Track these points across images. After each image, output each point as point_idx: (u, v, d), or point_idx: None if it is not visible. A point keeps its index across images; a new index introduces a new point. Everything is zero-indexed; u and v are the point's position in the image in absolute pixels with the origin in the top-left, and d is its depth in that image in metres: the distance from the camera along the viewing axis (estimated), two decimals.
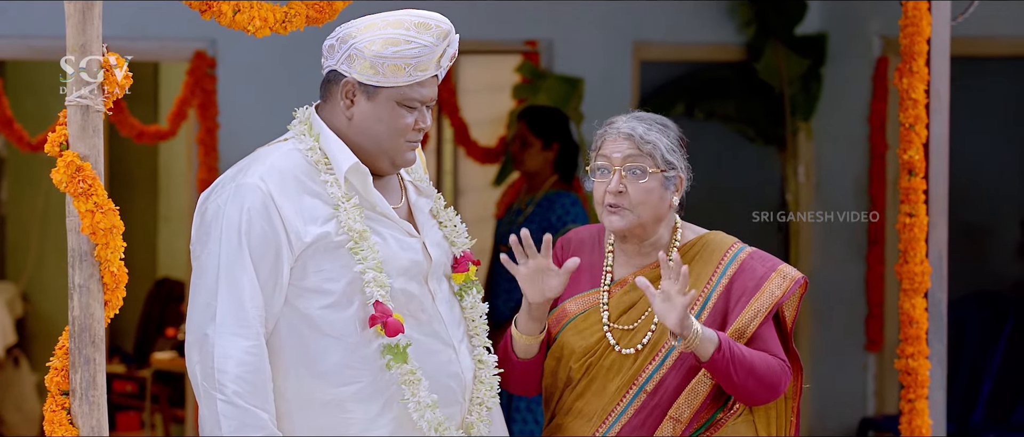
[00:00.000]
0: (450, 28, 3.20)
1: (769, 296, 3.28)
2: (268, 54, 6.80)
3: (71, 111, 2.72)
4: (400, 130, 3.17)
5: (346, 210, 3.12)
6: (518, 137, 6.12)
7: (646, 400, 3.28)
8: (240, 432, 3.02)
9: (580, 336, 3.32)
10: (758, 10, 7.46)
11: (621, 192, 3.27)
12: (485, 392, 3.26)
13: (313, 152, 3.16)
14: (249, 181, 3.10)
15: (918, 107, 4.25)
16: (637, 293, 3.32)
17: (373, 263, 3.11)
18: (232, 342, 3.03)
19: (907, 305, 4.28)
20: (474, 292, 3.33)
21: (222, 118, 6.99)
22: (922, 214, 4.27)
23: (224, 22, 2.95)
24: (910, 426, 4.28)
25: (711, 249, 3.36)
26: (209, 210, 3.12)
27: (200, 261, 3.11)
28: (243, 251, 3.06)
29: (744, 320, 3.28)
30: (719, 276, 3.31)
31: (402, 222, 3.22)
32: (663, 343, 3.27)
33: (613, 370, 3.30)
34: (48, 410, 2.77)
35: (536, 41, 7.41)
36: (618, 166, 3.27)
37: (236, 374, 3.02)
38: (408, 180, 3.33)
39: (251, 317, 3.05)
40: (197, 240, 3.13)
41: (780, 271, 3.31)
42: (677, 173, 3.30)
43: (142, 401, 8.59)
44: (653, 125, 3.31)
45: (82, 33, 2.71)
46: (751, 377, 3.22)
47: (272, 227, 3.08)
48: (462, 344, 3.26)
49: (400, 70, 3.13)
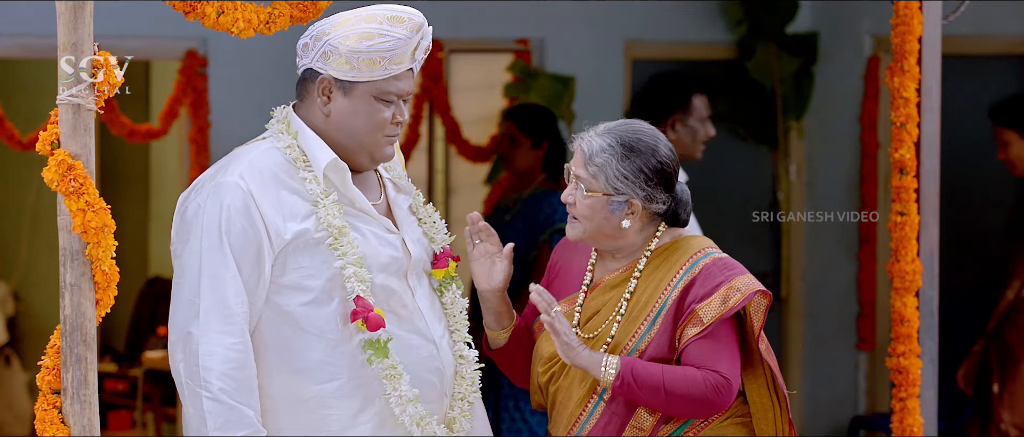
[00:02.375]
0: (423, 21, 3.19)
1: (718, 305, 3.18)
2: (259, 53, 6.80)
3: (62, 110, 2.72)
4: (378, 124, 3.19)
5: (325, 206, 3.14)
6: (506, 136, 6.11)
7: (605, 409, 3.26)
8: (226, 430, 3.02)
9: (548, 341, 3.32)
10: (749, 9, 7.47)
11: (570, 202, 3.28)
12: (466, 387, 3.28)
13: (291, 150, 3.18)
14: (228, 180, 3.11)
15: (909, 106, 4.25)
16: (604, 297, 3.30)
17: (353, 259, 3.13)
18: (217, 339, 3.04)
19: (898, 304, 4.29)
20: (454, 288, 3.34)
21: (213, 117, 6.98)
22: (913, 213, 4.27)
23: (208, 24, 2.95)
24: (901, 425, 4.28)
25: (679, 253, 3.29)
26: (189, 209, 3.13)
27: (181, 260, 3.12)
28: (224, 248, 3.07)
29: (688, 328, 3.19)
30: (677, 280, 3.24)
31: (381, 218, 3.24)
32: (622, 347, 3.23)
33: (577, 377, 3.29)
34: (39, 409, 2.77)
35: (527, 40, 7.41)
36: (572, 178, 3.28)
37: (221, 371, 3.03)
38: (387, 177, 3.35)
39: (235, 314, 3.06)
40: (178, 239, 3.14)
41: (734, 284, 3.20)
42: (627, 199, 3.22)
43: (133, 400, 8.59)
44: (614, 147, 3.22)
45: (73, 32, 2.70)
46: (665, 397, 3.16)
47: (252, 224, 3.09)
48: (443, 339, 3.27)
49: (375, 64, 3.14)
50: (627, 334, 3.24)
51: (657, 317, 3.23)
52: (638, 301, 3.26)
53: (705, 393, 3.17)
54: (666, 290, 3.25)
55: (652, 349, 3.22)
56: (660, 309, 3.24)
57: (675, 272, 3.26)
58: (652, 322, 3.23)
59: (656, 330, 3.22)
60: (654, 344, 3.22)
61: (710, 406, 3.19)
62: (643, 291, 3.27)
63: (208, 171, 3.19)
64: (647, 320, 3.24)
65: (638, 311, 3.25)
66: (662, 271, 3.27)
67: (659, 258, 3.30)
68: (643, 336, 3.23)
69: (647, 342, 3.22)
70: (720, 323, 3.20)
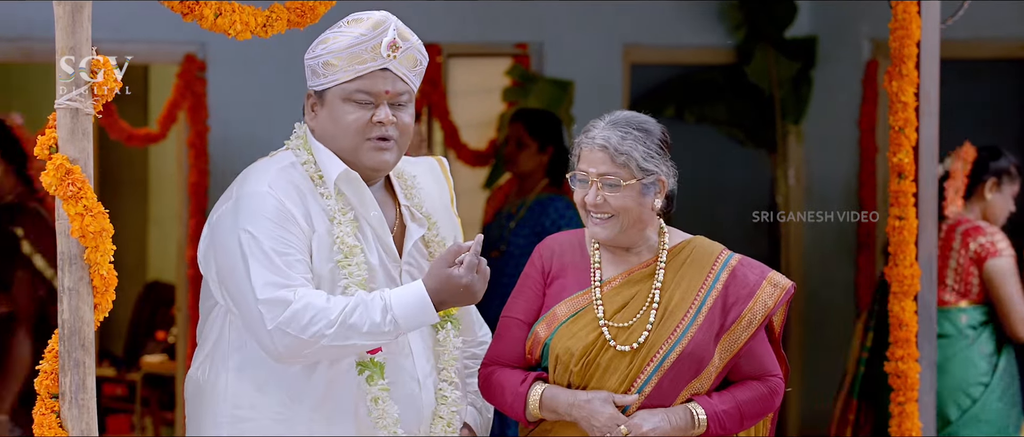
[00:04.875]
0: (384, 18, 3.17)
1: (762, 305, 3.31)
2: (258, 58, 6.80)
3: (61, 114, 2.71)
4: (351, 127, 3.17)
5: (341, 224, 3.14)
6: (513, 138, 6.12)
7: (643, 404, 3.28)
8: (365, 319, 3.06)
9: (574, 338, 3.32)
10: (748, 13, 7.47)
11: (600, 203, 3.28)
12: (443, 428, 3.27)
13: (309, 165, 3.19)
14: (259, 190, 3.12)
15: (908, 110, 4.25)
16: (630, 291, 3.32)
17: (358, 280, 3.12)
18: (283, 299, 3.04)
19: (896, 308, 4.29)
20: (449, 327, 3.32)
21: (212, 121, 6.98)
22: (911, 217, 4.27)
23: (206, 25, 2.95)
24: (900, 428, 4.28)
25: (701, 255, 3.36)
26: (214, 218, 3.16)
27: (220, 263, 3.13)
28: (265, 227, 3.07)
29: (739, 329, 3.30)
30: (713, 281, 3.32)
31: (388, 243, 3.23)
32: (659, 345, 3.28)
33: (610, 369, 3.29)
34: (38, 413, 2.76)
35: (526, 44, 7.41)
36: (595, 180, 3.28)
37: (310, 318, 3.03)
38: (404, 204, 3.32)
39: (289, 272, 3.06)
40: (209, 250, 3.15)
41: (770, 279, 3.33)
42: (656, 178, 3.29)
43: (132, 404, 8.58)
44: (629, 132, 3.28)
45: (72, 35, 2.70)
46: (745, 422, 3.34)
47: (292, 217, 3.11)
48: (428, 378, 3.27)
49: (334, 66, 3.15)
50: (663, 335, 3.28)
51: (696, 318, 3.29)
52: (670, 299, 3.31)
53: (772, 402, 3.37)
54: (701, 291, 3.31)
55: (691, 347, 3.27)
56: (698, 310, 3.30)
57: (706, 274, 3.33)
58: (690, 323, 3.28)
59: (695, 330, 3.28)
60: (692, 343, 3.27)
61: (772, 410, 3.39)
62: (674, 290, 3.31)
63: (228, 189, 3.20)
64: (684, 321, 3.29)
65: (672, 310, 3.30)
66: (690, 271, 3.34)
67: (678, 258, 3.36)
68: (681, 337, 3.27)
69: (686, 342, 3.27)
70: None
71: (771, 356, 3.37)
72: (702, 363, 3.28)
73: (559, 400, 3.29)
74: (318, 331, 3.02)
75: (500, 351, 3.39)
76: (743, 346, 3.30)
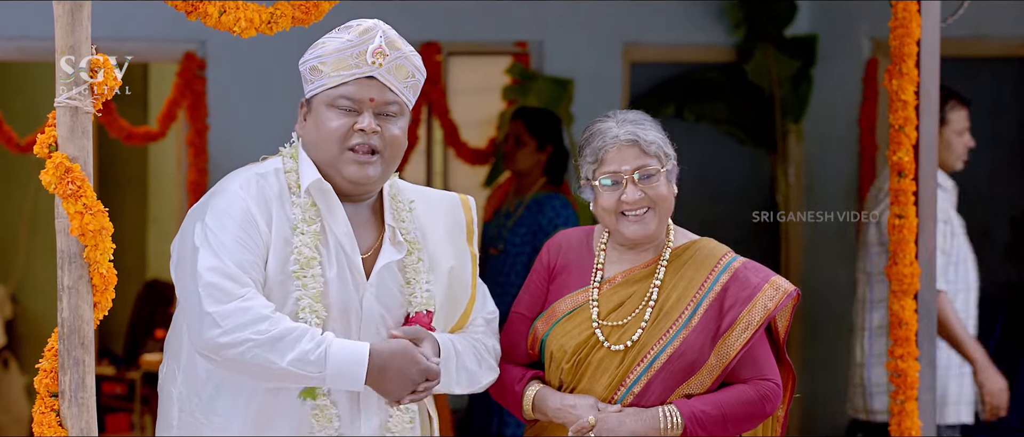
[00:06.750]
0: (373, 25, 3.13)
1: (762, 308, 3.27)
2: (258, 56, 6.80)
3: (60, 112, 2.71)
4: (333, 134, 3.11)
5: (303, 234, 3.10)
6: (512, 135, 6.12)
7: (632, 402, 3.28)
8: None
9: (568, 336, 3.32)
10: (748, 12, 7.47)
11: (640, 199, 3.26)
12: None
13: (292, 174, 3.15)
14: (229, 188, 3.12)
15: (908, 108, 4.25)
16: (627, 290, 3.32)
17: (312, 293, 3.07)
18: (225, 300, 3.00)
19: (896, 306, 4.28)
20: (403, 410, 3.20)
21: (212, 120, 6.98)
22: (911, 215, 4.27)
23: (210, 23, 2.94)
24: (899, 427, 4.28)
25: (704, 255, 3.34)
26: (188, 215, 3.16)
27: (176, 252, 3.12)
28: (225, 223, 3.05)
29: (736, 332, 3.27)
30: (712, 283, 3.30)
31: (356, 262, 3.15)
32: (651, 345, 3.27)
33: (601, 368, 3.29)
34: (37, 412, 2.76)
35: (526, 42, 7.41)
36: (628, 176, 3.26)
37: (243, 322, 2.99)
38: (390, 223, 3.24)
39: (240, 272, 3.03)
40: (174, 242, 3.15)
41: (773, 283, 3.29)
42: (673, 162, 3.32)
43: (131, 403, 8.58)
44: (644, 121, 3.31)
45: (71, 34, 2.70)
46: (729, 426, 3.27)
47: (253, 220, 3.08)
48: (368, 403, 3.16)
49: (320, 71, 3.13)
50: (656, 335, 3.26)
51: (690, 319, 3.27)
52: (667, 299, 3.29)
53: (762, 407, 3.29)
54: (699, 293, 3.29)
55: (683, 348, 3.25)
56: (694, 311, 3.28)
57: (706, 275, 3.31)
58: (685, 324, 3.26)
59: (688, 332, 3.26)
60: (685, 344, 3.25)
61: (765, 415, 3.32)
62: (671, 291, 3.30)
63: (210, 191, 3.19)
64: (679, 321, 3.27)
65: (668, 310, 3.28)
66: (690, 272, 3.31)
67: (680, 258, 3.34)
68: (673, 338, 3.26)
69: (678, 343, 3.26)
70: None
71: (770, 361, 3.33)
72: (696, 365, 3.26)
73: (548, 403, 3.30)
74: (247, 337, 2.97)
75: (506, 346, 3.39)
76: (740, 349, 3.26)
